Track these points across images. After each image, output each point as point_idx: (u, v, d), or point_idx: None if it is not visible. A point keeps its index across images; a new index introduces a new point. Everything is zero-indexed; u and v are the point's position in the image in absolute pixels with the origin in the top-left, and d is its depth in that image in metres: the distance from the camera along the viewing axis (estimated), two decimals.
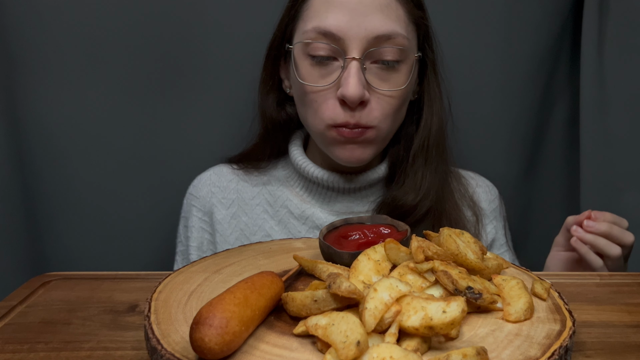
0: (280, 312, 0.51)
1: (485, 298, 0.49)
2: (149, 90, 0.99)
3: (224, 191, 0.91)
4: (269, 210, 0.89)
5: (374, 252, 0.55)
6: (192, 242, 0.91)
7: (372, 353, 0.40)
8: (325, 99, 0.78)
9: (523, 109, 1.06)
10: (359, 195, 0.88)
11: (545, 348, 0.44)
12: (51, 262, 1.02)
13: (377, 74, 0.78)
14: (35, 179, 1.00)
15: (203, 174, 0.95)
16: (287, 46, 0.82)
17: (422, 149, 0.85)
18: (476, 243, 0.56)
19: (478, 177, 0.96)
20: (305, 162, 0.87)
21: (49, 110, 0.98)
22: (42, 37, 0.95)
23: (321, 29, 0.76)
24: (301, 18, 0.80)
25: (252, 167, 0.92)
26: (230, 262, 0.63)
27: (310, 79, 0.78)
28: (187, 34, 0.97)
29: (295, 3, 0.81)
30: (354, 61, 0.75)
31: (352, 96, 0.74)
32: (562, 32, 1.05)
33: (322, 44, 0.76)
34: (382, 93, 0.78)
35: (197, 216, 0.92)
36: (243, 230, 0.89)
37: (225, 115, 1.01)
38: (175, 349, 0.44)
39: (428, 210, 0.83)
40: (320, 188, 0.87)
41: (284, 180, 0.91)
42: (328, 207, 0.87)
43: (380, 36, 0.76)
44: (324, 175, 0.86)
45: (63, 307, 0.59)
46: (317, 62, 0.78)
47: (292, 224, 0.88)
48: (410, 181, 0.84)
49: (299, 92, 0.81)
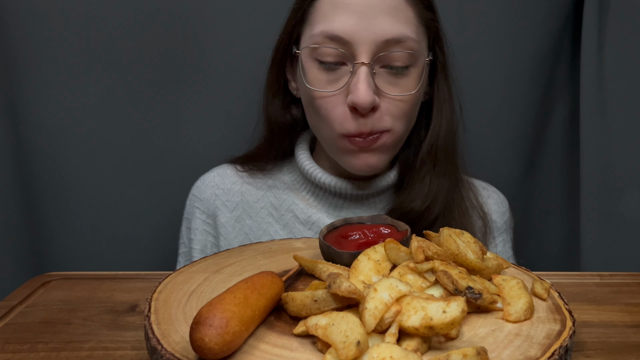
0: (280, 312, 0.51)
1: (485, 298, 0.49)
2: (151, 90, 0.99)
3: (227, 193, 0.89)
4: (274, 214, 0.88)
5: (374, 252, 0.55)
6: (196, 245, 0.90)
7: (372, 353, 0.40)
8: (334, 105, 0.75)
9: (523, 109, 1.06)
10: (368, 203, 0.86)
11: (546, 348, 0.44)
12: (51, 262, 1.02)
13: (386, 79, 0.75)
14: (35, 179, 0.99)
15: (206, 174, 0.92)
16: (294, 49, 0.80)
17: (430, 153, 0.82)
18: (476, 243, 0.56)
19: (490, 187, 0.93)
20: (313, 167, 0.85)
21: (49, 110, 0.97)
22: (42, 37, 0.95)
23: (329, 33, 0.74)
24: (308, 21, 0.78)
25: (256, 169, 0.90)
26: (230, 262, 0.63)
27: (318, 84, 0.76)
28: (190, 33, 0.97)
29: (302, 5, 0.78)
30: (363, 66, 0.73)
31: (363, 103, 0.72)
32: (562, 32, 1.05)
33: (330, 48, 0.74)
34: (392, 98, 0.76)
35: (200, 218, 0.90)
36: (247, 234, 0.88)
37: (229, 115, 1.01)
38: (175, 349, 0.44)
39: (436, 217, 0.80)
40: (327, 194, 0.86)
41: (290, 184, 0.89)
42: (335, 213, 0.86)
43: (390, 40, 0.73)
44: (332, 181, 0.84)
45: (63, 307, 0.59)
46: (326, 67, 0.75)
47: (297, 229, 0.86)
48: (417, 187, 0.81)
49: (306, 97, 0.79)
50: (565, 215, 1.11)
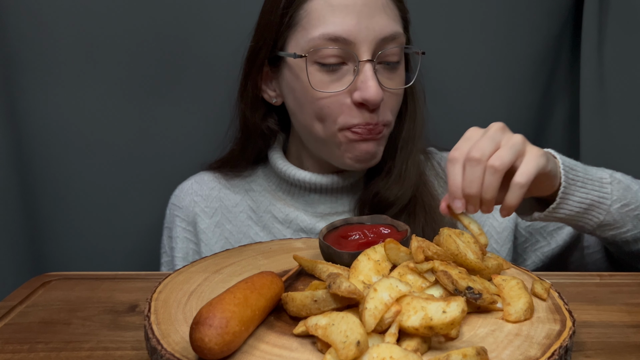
0: (280, 312, 0.51)
1: (485, 298, 0.49)
2: (150, 89, 0.99)
3: (206, 200, 0.91)
4: (252, 217, 0.89)
5: (374, 252, 0.55)
6: (177, 253, 0.90)
7: (372, 353, 0.40)
8: (338, 104, 0.77)
9: (523, 109, 1.06)
10: (342, 196, 0.87)
11: (545, 348, 0.44)
12: (51, 262, 1.02)
13: (384, 74, 0.78)
14: (35, 179, 0.99)
15: (184, 183, 0.94)
16: (280, 55, 0.80)
17: (407, 140, 0.84)
18: (476, 243, 0.56)
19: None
20: (286, 165, 0.87)
21: (49, 110, 0.97)
22: (41, 37, 0.95)
23: (331, 35, 0.75)
24: (300, 25, 0.77)
25: (233, 174, 0.92)
26: (230, 262, 0.63)
27: (321, 86, 0.77)
28: (171, 38, 0.97)
29: (287, 10, 0.78)
30: (368, 64, 0.75)
31: (375, 99, 0.74)
32: (562, 32, 1.05)
33: (332, 49, 0.75)
34: (391, 92, 0.79)
35: (180, 226, 0.91)
36: (228, 238, 0.89)
37: (222, 115, 1.00)
38: (175, 349, 0.44)
39: (410, 200, 0.83)
40: (302, 191, 0.87)
41: (266, 186, 0.90)
42: (312, 209, 0.87)
43: (387, 37, 0.76)
44: (307, 176, 0.85)
45: (63, 307, 0.59)
46: (328, 68, 0.76)
47: (276, 229, 0.88)
48: (395, 173, 0.83)
49: (302, 101, 0.79)
50: None
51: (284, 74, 0.81)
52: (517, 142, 0.60)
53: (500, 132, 0.61)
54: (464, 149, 0.60)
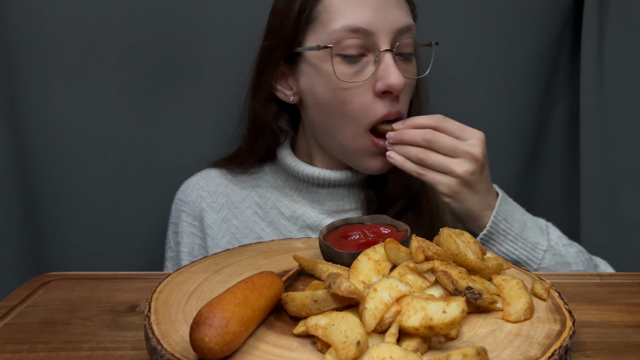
0: (280, 312, 0.51)
1: (485, 298, 0.49)
2: (150, 89, 0.99)
3: (213, 195, 0.91)
4: (259, 212, 0.90)
5: (374, 252, 0.55)
6: (183, 248, 0.91)
7: (372, 353, 0.40)
8: (359, 94, 0.78)
9: (523, 109, 1.06)
10: (349, 191, 0.88)
11: (545, 348, 0.44)
12: (51, 262, 1.02)
13: (400, 65, 0.80)
14: (35, 178, 0.99)
15: (190, 178, 0.94)
16: (298, 51, 0.80)
17: None
18: (476, 243, 0.56)
19: None
20: (295, 161, 0.88)
21: (49, 111, 0.97)
22: (41, 38, 0.95)
23: (352, 26, 0.76)
24: (318, 20, 0.79)
25: (239, 170, 0.92)
26: (230, 262, 0.63)
27: (344, 78, 0.78)
28: (176, 35, 0.97)
29: (305, 7, 0.79)
30: (388, 53, 0.77)
31: (398, 84, 0.76)
32: (562, 32, 1.05)
33: (354, 39, 0.77)
34: (408, 83, 0.81)
35: (187, 221, 0.91)
36: (234, 233, 0.89)
37: (225, 115, 1.01)
38: (175, 349, 0.44)
39: (415, 195, 0.85)
40: (310, 186, 0.88)
41: (272, 181, 0.91)
42: (318, 206, 0.88)
43: (403, 28, 0.79)
44: (315, 172, 0.86)
45: (63, 307, 0.59)
46: (349, 60, 0.78)
47: (283, 225, 0.88)
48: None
49: (323, 96, 0.80)
50: (565, 215, 1.11)
51: (303, 71, 0.82)
52: (476, 160, 0.75)
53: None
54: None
